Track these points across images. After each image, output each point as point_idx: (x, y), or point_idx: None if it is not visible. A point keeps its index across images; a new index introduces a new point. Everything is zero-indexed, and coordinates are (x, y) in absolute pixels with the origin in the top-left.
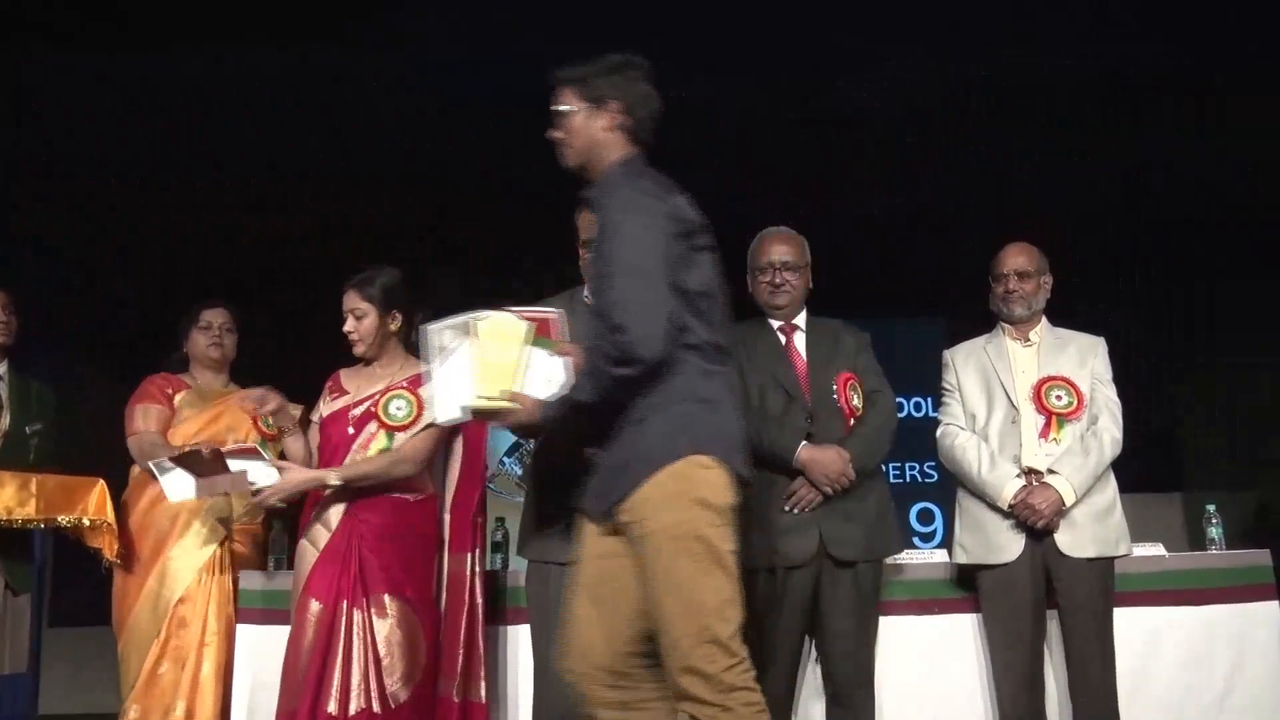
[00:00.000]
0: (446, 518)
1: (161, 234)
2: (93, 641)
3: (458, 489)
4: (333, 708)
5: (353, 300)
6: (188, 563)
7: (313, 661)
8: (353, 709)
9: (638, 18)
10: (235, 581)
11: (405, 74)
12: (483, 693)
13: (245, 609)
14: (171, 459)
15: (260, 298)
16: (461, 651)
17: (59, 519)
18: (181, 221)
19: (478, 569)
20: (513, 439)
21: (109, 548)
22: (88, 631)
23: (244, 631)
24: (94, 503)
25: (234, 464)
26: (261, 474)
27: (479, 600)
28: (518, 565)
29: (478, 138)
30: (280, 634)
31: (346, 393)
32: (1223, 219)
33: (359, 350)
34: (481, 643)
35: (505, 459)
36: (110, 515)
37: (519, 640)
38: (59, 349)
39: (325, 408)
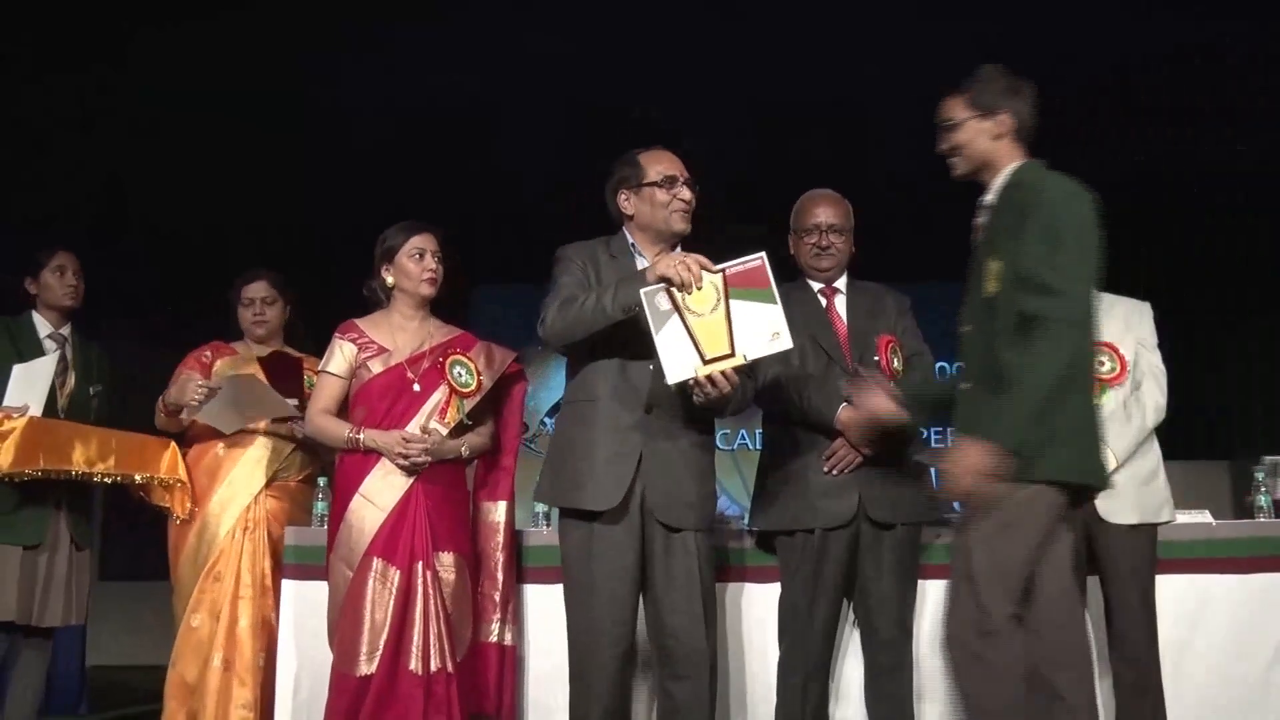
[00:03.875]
0: (472, 468)
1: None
2: (140, 596)
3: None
4: (414, 665)
5: (437, 243)
6: (222, 518)
7: (391, 621)
8: (433, 666)
9: None
10: (271, 536)
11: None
12: (509, 636)
13: (290, 564)
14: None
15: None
16: (499, 596)
17: (135, 476)
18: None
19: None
20: (556, 400)
21: (180, 505)
22: (135, 586)
23: (288, 586)
24: (166, 462)
25: None
26: None
27: (511, 549)
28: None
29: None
30: (318, 588)
31: (385, 349)
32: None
33: (431, 292)
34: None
35: (547, 419)
36: (183, 474)
37: (545, 597)
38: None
39: (372, 364)
